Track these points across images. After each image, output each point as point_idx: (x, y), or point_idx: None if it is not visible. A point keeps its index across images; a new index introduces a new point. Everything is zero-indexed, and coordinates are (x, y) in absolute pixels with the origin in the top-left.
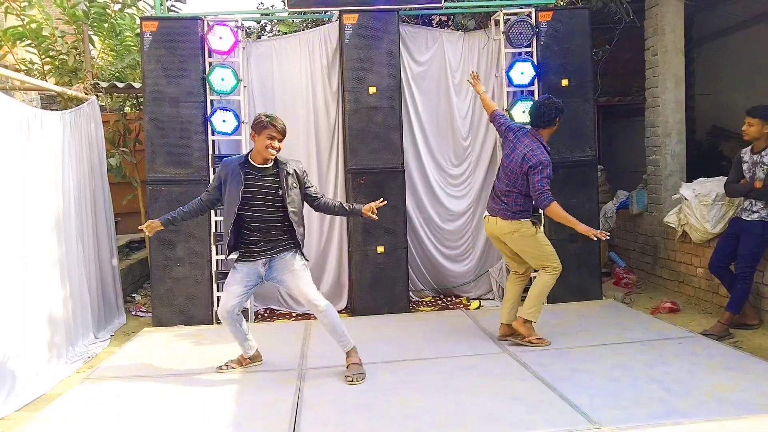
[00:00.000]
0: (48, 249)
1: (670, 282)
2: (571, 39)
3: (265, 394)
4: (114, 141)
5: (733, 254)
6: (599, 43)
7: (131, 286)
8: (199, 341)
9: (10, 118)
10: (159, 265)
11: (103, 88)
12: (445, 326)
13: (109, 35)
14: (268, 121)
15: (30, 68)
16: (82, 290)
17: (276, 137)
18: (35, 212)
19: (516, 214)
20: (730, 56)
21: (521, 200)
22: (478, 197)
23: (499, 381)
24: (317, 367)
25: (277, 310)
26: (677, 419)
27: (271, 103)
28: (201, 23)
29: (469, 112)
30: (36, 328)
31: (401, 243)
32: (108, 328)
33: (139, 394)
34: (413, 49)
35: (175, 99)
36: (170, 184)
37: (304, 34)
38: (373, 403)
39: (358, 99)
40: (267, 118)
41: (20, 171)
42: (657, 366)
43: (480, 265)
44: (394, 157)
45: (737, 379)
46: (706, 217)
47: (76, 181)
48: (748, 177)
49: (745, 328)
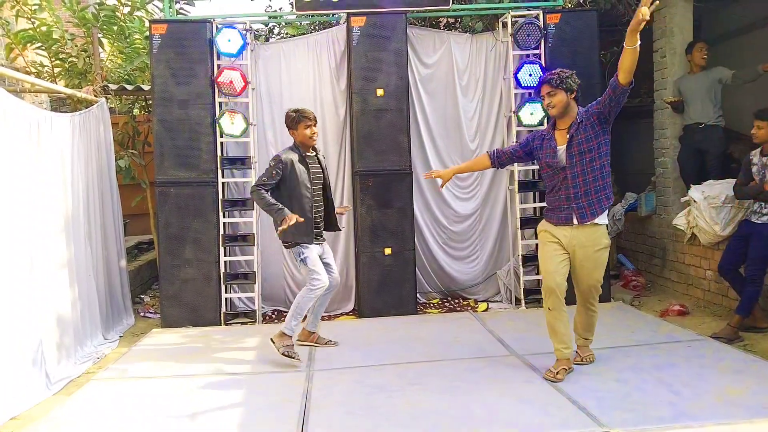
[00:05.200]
0: (57, 250)
1: (679, 285)
2: (579, 41)
3: (272, 395)
4: (123, 143)
5: (742, 257)
6: (607, 44)
7: (140, 287)
8: (207, 342)
9: (21, 121)
10: (167, 267)
11: (113, 90)
12: (452, 328)
13: (119, 38)
14: (299, 114)
15: (40, 71)
16: (91, 291)
17: (311, 124)
18: (44, 214)
19: (606, 209)
20: (739, 58)
21: (607, 182)
22: (486, 199)
23: (507, 383)
24: (325, 368)
25: (285, 311)
26: (686, 422)
27: (279, 106)
28: (210, 26)
29: (477, 114)
30: (45, 329)
31: (408, 245)
32: (116, 329)
33: (148, 394)
34: (421, 52)
35: (183, 101)
36: (179, 186)
37: (312, 37)
38: (380, 405)
39: (366, 101)
40: (295, 112)
41: (30, 173)
42: (666, 369)
43: (488, 267)
44: (402, 159)
45: (747, 383)
46: (716, 220)
47: (85, 183)
48: (757, 179)
49: (755, 331)
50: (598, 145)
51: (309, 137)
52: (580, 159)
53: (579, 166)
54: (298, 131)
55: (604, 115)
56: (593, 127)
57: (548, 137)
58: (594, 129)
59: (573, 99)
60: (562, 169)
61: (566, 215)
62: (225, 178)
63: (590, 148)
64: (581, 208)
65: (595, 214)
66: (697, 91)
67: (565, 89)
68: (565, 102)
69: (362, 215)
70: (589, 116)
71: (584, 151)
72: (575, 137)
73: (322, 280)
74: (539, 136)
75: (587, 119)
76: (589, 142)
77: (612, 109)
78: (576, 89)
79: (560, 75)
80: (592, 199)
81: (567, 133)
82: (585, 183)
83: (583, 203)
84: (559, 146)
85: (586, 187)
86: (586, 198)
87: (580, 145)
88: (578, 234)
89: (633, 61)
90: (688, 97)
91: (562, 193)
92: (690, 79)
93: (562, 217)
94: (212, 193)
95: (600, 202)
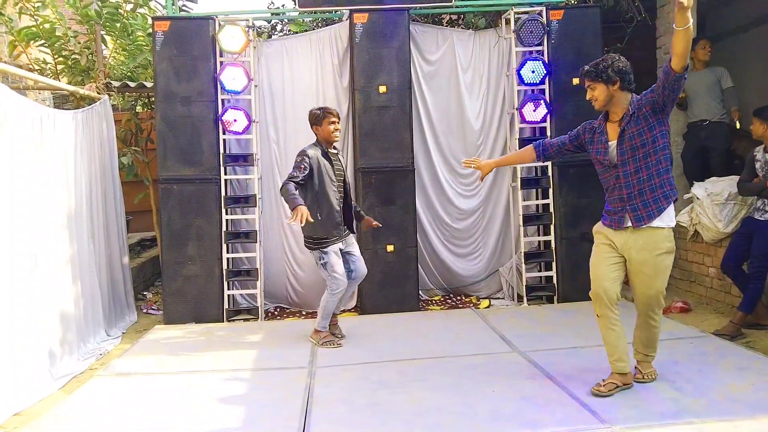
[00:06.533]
0: (60, 247)
1: (682, 282)
2: (582, 37)
3: (275, 392)
4: (126, 140)
5: (745, 254)
6: (610, 41)
7: (142, 284)
8: (209, 339)
9: (24, 117)
10: (170, 263)
11: (115, 87)
12: (454, 325)
13: (121, 35)
14: (324, 110)
15: (43, 68)
16: (94, 288)
17: (336, 121)
18: (47, 211)
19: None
20: (743, 54)
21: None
22: (488, 196)
23: (509, 380)
24: (328, 365)
25: (287, 308)
26: (689, 419)
27: (282, 103)
28: (212, 23)
29: (481, 111)
30: (48, 325)
31: (411, 242)
32: (119, 325)
33: (151, 390)
34: (423, 48)
35: (186, 98)
36: (182, 183)
37: (314, 34)
38: (383, 402)
39: (369, 98)
40: (319, 109)
41: (33, 169)
42: (668, 365)
43: (490, 264)
44: (404, 156)
45: (750, 379)
46: (719, 217)
47: (88, 180)
48: (761, 175)
49: (757, 328)
50: (653, 139)
51: (332, 133)
52: (633, 155)
53: (632, 163)
54: (322, 127)
55: (659, 105)
56: (646, 118)
57: (599, 130)
58: (647, 120)
59: (619, 89)
60: (614, 167)
61: (619, 218)
62: (227, 175)
63: (644, 142)
64: (636, 210)
65: (652, 216)
66: (701, 88)
67: (605, 81)
68: (606, 95)
69: (365, 212)
70: (642, 106)
71: (637, 146)
72: (627, 131)
73: (340, 285)
74: (590, 128)
75: (640, 110)
76: (643, 135)
77: (667, 98)
78: (620, 78)
79: (597, 66)
80: (647, 199)
81: (618, 126)
82: (639, 182)
83: (638, 204)
84: (610, 141)
85: (641, 186)
86: (640, 198)
87: (632, 139)
88: (635, 238)
89: (686, 44)
90: (692, 94)
91: (616, 193)
92: (694, 76)
93: (615, 220)
94: (215, 190)
95: (657, 202)
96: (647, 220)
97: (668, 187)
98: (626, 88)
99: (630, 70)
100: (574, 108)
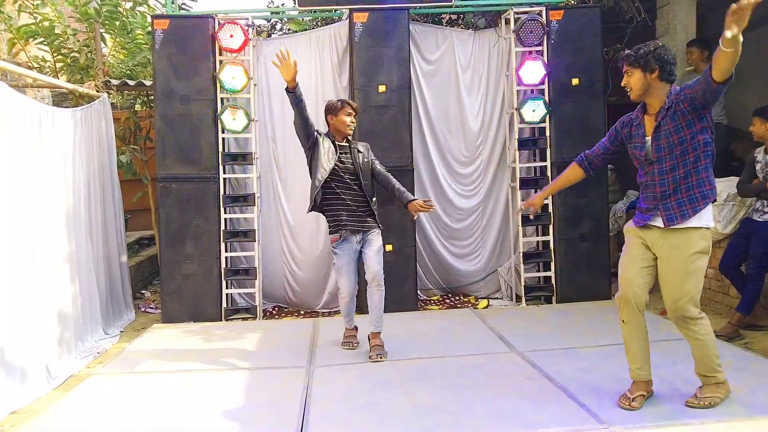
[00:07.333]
0: (58, 245)
1: None
2: (581, 38)
3: (273, 391)
4: (125, 138)
5: (744, 255)
6: (610, 42)
7: (141, 282)
8: (207, 337)
9: (23, 116)
10: (168, 262)
11: (114, 85)
12: (453, 325)
13: (121, 33)
14: (343, 101)
15: (42, 66)
16: (92, 287)
17: (352, 113)
18: (46, 209)
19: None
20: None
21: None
22: (488, 196)
23: (507, 380)
24: (326, 364)
25: (285, 308)
26: (687, 420)
27: (281, 102)
28: (212, 21)
29: (480, 111)
30: (46, 324)
31: (410, 241)
32: (117, 324)
33: (148, 389)
34: (423, 48)
35: (185, 97)
36: (180, 182)
37: (314, 33)
38: (381, 401)
39: (368, 97)
40: (339, 101)
41: (31, 168)
42: (666, 366)
43: (489, 264)
44: (404, 156)
45: (747, 381)
46: (717, 218)
47: (87, 178)
48: (761, 177)
49: (755, 330)
50: (692, 135)
51: (347, 125)
52: (670, 152)
53: (668, 160)
54: (338, 117)
55: (699, 103)
56: (684, 114)
57: (636, 123)
58: (686, 117)
59: (658, 78)
60: (650, 163)
61: (651, 216)
62: (226, 174)
63: (681, 140)
64: (669, 209)
65: (686, 216)
66: None
67: (643, 67)
68: (643, 83)
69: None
70: (680, 101)
71: (674, 144)
72: (662, 126)
73: (342, 291)
74: (627, 122)
75: (677, 104)
76: (680, 132)
77: (707, 102)
78: (661, 67)
79: (637, 51)
80: (682, 199)
81: (655, 120)
82: (675, 180)
83: (671, 203)
84: (647, 135)
85: (676, 184)
86: (675, 197)
87: (668, 136)
88: (667, 237)
89: (729, 65)
90: None
91: (650, 190)
92: (692, 77)
93: (647, 218)
94: (214, 188)
95: (694, 202)
96: (680, 220)
97: (707, 186)
98: (665, 78)
99: (673, 60)
100: (573, 108)
